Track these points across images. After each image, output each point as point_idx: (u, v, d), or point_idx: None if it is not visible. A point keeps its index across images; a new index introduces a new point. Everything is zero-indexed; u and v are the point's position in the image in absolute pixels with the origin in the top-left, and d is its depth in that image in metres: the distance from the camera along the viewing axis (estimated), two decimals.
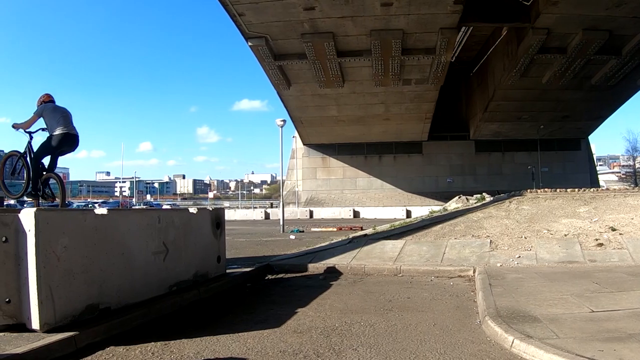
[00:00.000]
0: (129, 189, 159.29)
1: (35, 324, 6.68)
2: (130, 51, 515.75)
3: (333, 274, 13.44)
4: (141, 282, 8.80)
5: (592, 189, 21.14)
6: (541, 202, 18.34)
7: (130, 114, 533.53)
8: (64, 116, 11.38)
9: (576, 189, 20.26)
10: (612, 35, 41.53)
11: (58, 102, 11.59)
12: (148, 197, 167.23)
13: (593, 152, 79.54)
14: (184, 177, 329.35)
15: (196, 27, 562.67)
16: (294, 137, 72.44)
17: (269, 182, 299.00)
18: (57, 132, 11.09)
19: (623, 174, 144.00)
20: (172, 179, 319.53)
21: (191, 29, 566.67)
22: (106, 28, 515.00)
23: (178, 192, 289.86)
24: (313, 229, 33.27)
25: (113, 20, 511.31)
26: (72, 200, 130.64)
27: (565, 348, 6.04)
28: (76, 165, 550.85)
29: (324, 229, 32.85)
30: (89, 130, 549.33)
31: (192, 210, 11.32)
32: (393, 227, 19.46)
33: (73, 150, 11.74)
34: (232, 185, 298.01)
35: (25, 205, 11.59)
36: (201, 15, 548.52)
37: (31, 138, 11.46)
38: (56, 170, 11.69)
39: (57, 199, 11.93)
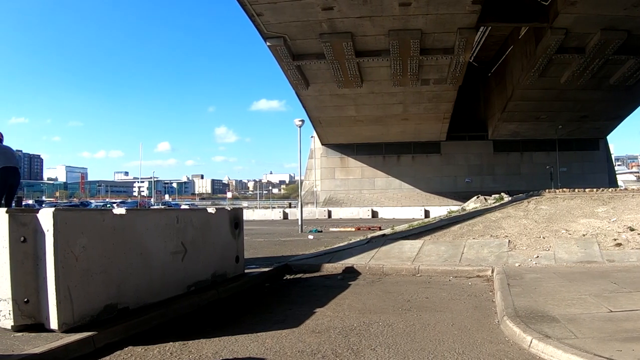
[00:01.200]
0: (148, 189, 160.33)
1: (53, 324, 6.67)
2: (148, 52, 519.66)
3: (351, 274, 13.40)
4: (159, 282, 8.79)
5: (610, 189, 21.03)
6: (559, 202, 18.25)
7: (148, 114, 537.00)
8: (4, 153, 12.47)
9: (594, 189, 20.15)
10: (631, 35, 41.23)
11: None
12: (166, 197, 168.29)
13: (611, 152, 79.09)
14: (202, 177, 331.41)
15: (214, 28, 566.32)
16: (312, 137, 72.37)
17: (287, 182, 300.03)
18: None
19: None
20: (190, 179, 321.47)
21: (209, 30, 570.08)
22: (125, 29, 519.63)
23: (196, 192, 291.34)
24: (331, 229, 33.21)
25: (132, 22, 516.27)
26: (91, 200, 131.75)
27: (583, 348, 6.01)
28: (95, 165, 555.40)
29: (342, 229, 32.78)
30: (107, 130, 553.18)
31: (211, 210, 11.31)
32: (411, 227, 19.42)
33: (18, 183, 12.92)
34: (251, 185, 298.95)
35: (43, 205, 11.73)
36: (219, 16, 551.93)
37: None
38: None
39: None
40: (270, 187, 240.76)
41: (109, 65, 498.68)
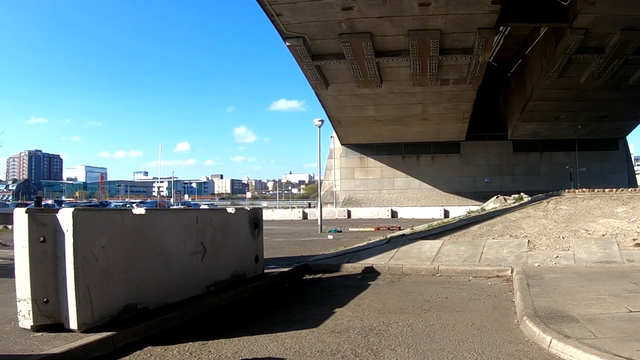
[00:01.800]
0: (167, 189, 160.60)
1: (73, 323, 6.68)
2: (166, 52, 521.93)
3: (371, 274, 13.39)
4: (179, 282, 8.79)
5: (630, 189, 20.96)
6: (579, 202, 18.19)
7: (167, 114, 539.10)
8: None
9: (614, 189, 20.09)
10: None
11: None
12: (186, 197, 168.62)
13: (631, 152, 78.61)
14: (221, 177, 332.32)
15: (233, 28, 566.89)
16: (331, 137, 72.42)
17: (306, 182, 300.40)
18: None
19: None
20: (209, 179, 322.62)
21: (228, 30, 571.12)
22: (144, 30, 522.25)
23: (216, 192, 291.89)
24: (351, 229, 33.24)
25: (151, 22, 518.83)
26: (110, 200, 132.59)
27: (603, 348, 6.00)
28: (114, 166, 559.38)
29: (361, 229, 32.78)
30: (126, 130, 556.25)
31: (230, 210, 11.30)
32: (431, 227, 19.38)
33: None
34: (270, 185, 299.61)
35: (63, 205, 11.72)
36: (238, 16, 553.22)
37: None
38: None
39: None
40: (289, 187, 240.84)
41: (127, 65, 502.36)
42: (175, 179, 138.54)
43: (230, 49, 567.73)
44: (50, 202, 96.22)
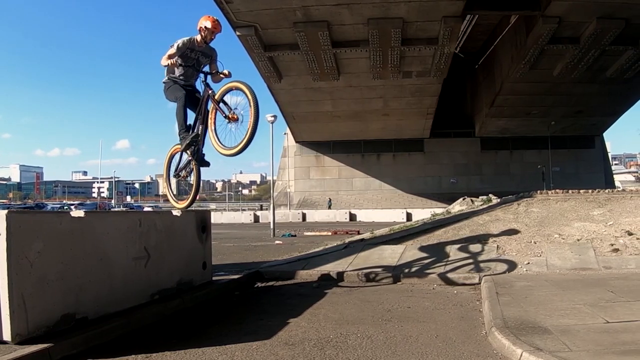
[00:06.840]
0: (108, 189, 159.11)
1: (6, 335, 6.65)
2: (102, 44, 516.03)
3: (328, 281, 13.37)
4: (121, 290, 8.77)
5: (607, 190, 21.06)
6: (552, 204, 18.27)
7: (105, 109, 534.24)
8: None
9: (590, 190, 20.17)
10: (629, 24, 41.51)
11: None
12: (128, 198, 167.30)
13: (608, 151, 79.70)
14: None
15: (175, 18, 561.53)
16: (285, 134, 72.27)
17: (258, 182, 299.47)
18: None
19: None
20: (154, 179, 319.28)
21: (170, 20, 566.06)
22: (80, 20, 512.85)
23: (160, 193, 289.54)
24: (306, 233, 33.23)
25: (87, 13, 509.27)
26: (47, 202, 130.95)
27: None
28: (51, 164, 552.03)
29: (317, 233, 32.83)
30: (61, 127, 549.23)
31: (176, 212, 11.29)
32: (392, 231, 19.42)
33: None
34: (219, 185, 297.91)
35: None
36: (180, 5, 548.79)
37: None
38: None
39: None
40: (240, 188, 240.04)
41: (62, 58, 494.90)
42: (116, 179, 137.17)
43: (168, 41, 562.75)
44: None
